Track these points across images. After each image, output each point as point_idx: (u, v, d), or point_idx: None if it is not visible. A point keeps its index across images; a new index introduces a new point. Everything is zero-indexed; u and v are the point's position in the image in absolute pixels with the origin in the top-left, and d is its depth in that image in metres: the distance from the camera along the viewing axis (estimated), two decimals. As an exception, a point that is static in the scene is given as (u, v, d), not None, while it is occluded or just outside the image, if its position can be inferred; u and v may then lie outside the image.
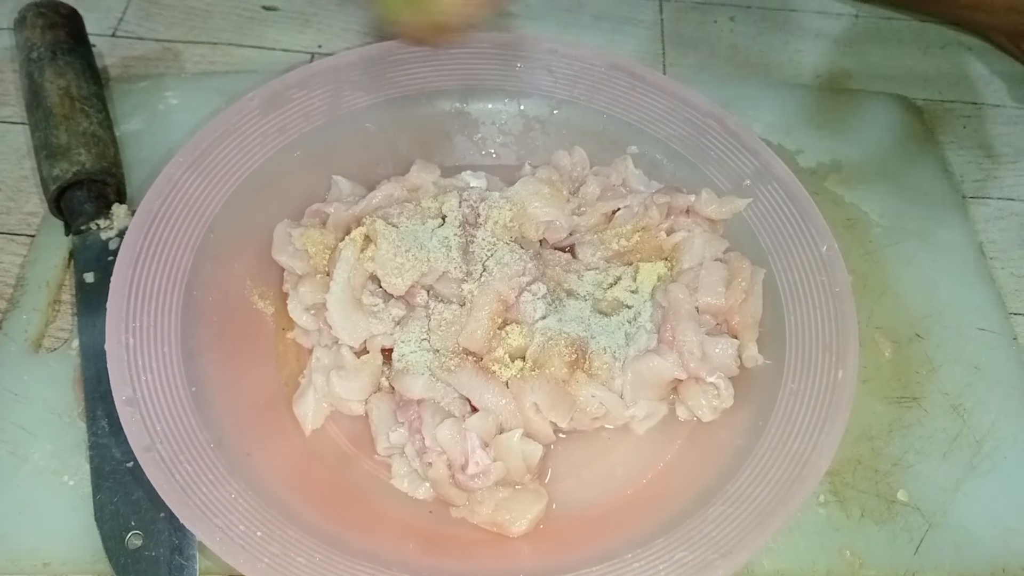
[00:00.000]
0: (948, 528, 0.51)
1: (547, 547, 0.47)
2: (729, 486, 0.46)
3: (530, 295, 0.53)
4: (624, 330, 0.53)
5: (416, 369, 0.50)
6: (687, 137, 0.59)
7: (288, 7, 0.78)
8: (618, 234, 0.56)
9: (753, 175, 0.56)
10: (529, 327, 0.51)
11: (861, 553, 0.50)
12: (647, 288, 0.54)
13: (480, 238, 0.54)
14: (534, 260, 0.54)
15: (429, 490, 0.49)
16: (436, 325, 0.52)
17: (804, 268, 0.52)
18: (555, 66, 0.61)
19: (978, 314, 0.60)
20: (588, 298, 0.54)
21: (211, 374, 0.49)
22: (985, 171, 0.71)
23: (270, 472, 0.47)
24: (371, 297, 0.53)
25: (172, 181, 0.53)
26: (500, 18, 0.78)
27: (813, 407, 0.47)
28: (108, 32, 0.75)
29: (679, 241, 0.56)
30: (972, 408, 0.56)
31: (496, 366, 0.50)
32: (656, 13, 0.80)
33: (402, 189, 0.57)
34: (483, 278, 0.52)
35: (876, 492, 0.52)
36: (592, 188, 0.58)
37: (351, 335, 0.51)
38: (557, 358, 0.49)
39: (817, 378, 0.48)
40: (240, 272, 0.54)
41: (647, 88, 0.60)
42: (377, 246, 0.52)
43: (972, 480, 0.53)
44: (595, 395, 0.50)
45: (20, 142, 0.67)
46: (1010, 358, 0.58)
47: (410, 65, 0.60)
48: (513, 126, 0.63)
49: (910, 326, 0.59)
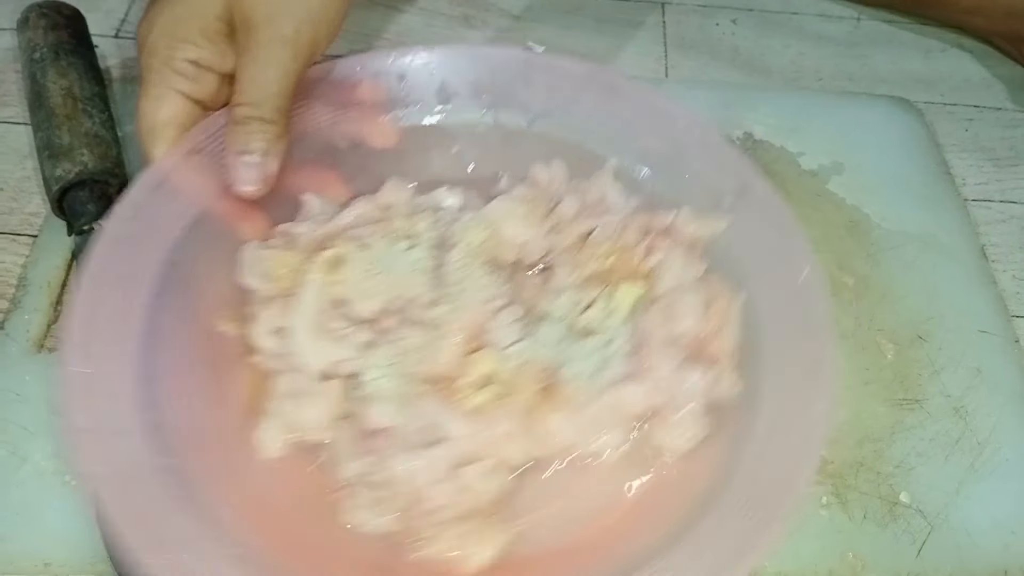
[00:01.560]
0: (950, 530, 0.51)
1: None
2: (702, 521, 0.44)
3: (503, 319, 0.51)
4: (598, 355, 0.50)
5: (383, 396, 0.48)
6: (667, 151, 0.56)
7: (290, 9, 0.78)
8: (594, 255, 0.54)
9: (734, 193, 0.53)
10: (501, 353, 0.49)
11: (863, 555, 0.50)
12: (623, 311, 0.52)
13: (452, 260, 0.52)
14: (508, 283, 0.52)
15: (388, 522, 0.47)
16: (405, 350, 0.50)
17: (783, 294, 0.49)
18: (532, 77, 0.59)
19: (980, 317, 0.60)
20: (563, 321, 0.52)
21: (170, 399, 0.47)
22: (986, 174, 0.71)
23: (223, 500, 0.45)
24: (338, 321, 0.51)
25: (135, 204, 0.51)
26: (501, 19, 0.79)
27: (788, 441, 0.44)
28: (111, 33, 0.75)
29: (657, 263, 0.53)
30: (974, 410, 0.56)
31: (465, 393, 0.48)
32: (658, 16, 0.80)
33: (374, 208, 0.56)
34: (454, 302, 0.51)
35: (878, 494, 0.52)
36: (569, 207, 0.56)
37: (317, 360, 0.50)
38: (527, 386, 0.48)
39: (793, 411, 0.45)
40: (205, 294, 0.53)
41: (627, 99, 0.57)
42: (346, 270, 0.51)
43: (974, 482, 0.53)
44: (564, 424, 0.48)
45: (22, 142, 0.67)
46: (1012, 361, 0.59)
47: (382, 78, 0.58)
48: (490, 139, 0.60)
49: (912, 328, 0.59)
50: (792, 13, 0.82)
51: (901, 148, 0.71)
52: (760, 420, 0.46)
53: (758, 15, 0.81)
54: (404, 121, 0.59)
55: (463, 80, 0.59)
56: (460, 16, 0.79)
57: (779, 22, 0.81)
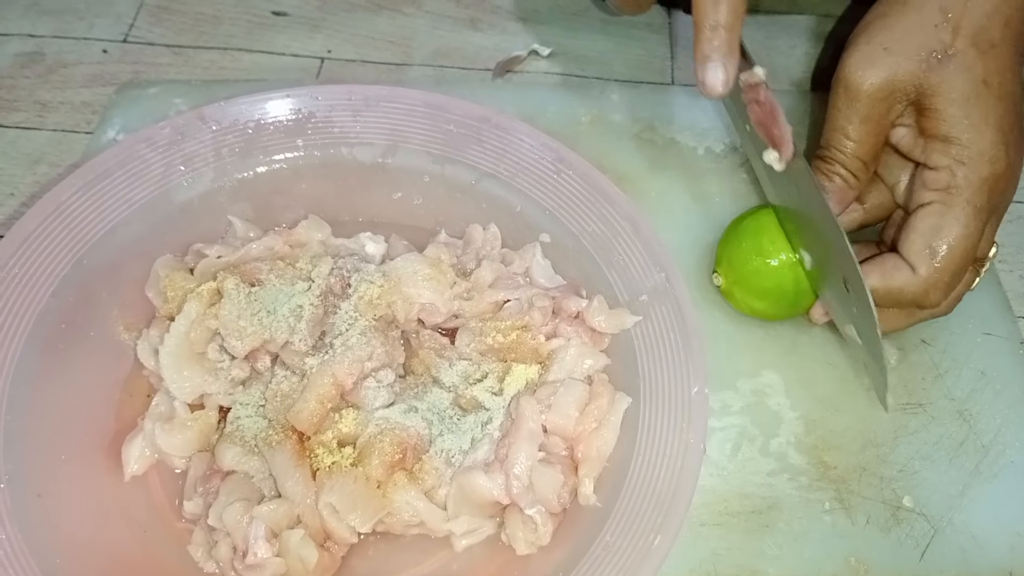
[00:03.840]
0: (954, 534, 0.51)
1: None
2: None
3: (374, 381, 0.50)
4: (472, 434, 0.50)
5: (239, 437, 0.48)
6: (600, 235, 0.55)
7: (298, 12, 0.78)
8: (497, 328, 0.53)
9: (652, 291, 0.52)
10: (366, 415, 0.49)
11: (867, 560, 0.50)
12: (511, 392, 0.51)
13: (343, 311, 0.52)
14: (397, 343, 0.52)
15: (215, 567, 0.46)
16: (272, 395, 0.50)
17: (669, 407, 0.48)
18: (485, 135, 0.58)
19: (984, 319, 0.60)
20: (452, 390, 0.52)
21: (35, 404, 0.48)
22: (992, 175, 0.71)
23: (61, 516, 0.46)
24: (218, 353, 0.51)
25: (57, 203, 0.52)
26: (507, 21, 0.79)
27: (620, 567, 0.43)
28: (119, 38, 0.75)
29: (554, 349, 0.53)
30: (978, 413, 0.56)
31: (320, 450, 0.48)
32: (664, 17, 0.80)
33: (283, 244, 0.56)
34: (327, 355, 0.50)
35: (882, 498, 0.53)
36: (485, 273, 0.55)
37: (180, 389, 0.50)
38: (377, 456, 0.47)
39: (635, 537, 0.44)
40: (108, 302, 0.53)
41: (572, 177, 0.56)
42: (222, 305, 0.51)
43: (978, 486, 0.53)
44: (411, 502, 0.47)
45: (32, 147, 0.67)
46: (1017, 363, 0.58)
47: (335, 112, 0.58)
48: (434, 190, 0.60)
49: (916, 332, 0.59)
50: (797, 13, 0.81)
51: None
52: (600, 540, 0.44)
53: (763, 16, 0.81)
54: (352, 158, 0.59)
55: (417, 127, 0.59)
56: (466, 19, 0.79)
57: (784, 23, 0.81)
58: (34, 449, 0.47)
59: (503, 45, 0.77)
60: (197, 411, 0.51)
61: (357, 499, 0.46)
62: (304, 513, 0.46)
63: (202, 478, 0.48)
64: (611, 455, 0.48)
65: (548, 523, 0.47)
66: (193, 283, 0.53)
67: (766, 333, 0.59)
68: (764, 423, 0.55)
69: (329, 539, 0.47)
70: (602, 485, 0.48)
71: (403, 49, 0.76)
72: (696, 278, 0.61)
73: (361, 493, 0.46)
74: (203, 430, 0.50)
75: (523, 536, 0.47)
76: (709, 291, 0.60)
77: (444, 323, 0.55)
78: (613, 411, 0.49)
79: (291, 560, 0.45)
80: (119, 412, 0.52)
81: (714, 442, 0.54)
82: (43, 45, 0.74)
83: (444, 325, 0.55)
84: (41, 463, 0.47)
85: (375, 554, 0.48)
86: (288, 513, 0.46)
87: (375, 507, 0.46)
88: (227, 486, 0.47)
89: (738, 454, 0.54)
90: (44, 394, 0.49)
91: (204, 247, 0.55)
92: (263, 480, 0.48)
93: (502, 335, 0.52)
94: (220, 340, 0.51)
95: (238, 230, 0.57)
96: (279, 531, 0.45)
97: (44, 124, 0.69)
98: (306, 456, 0.47)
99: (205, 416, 0.50)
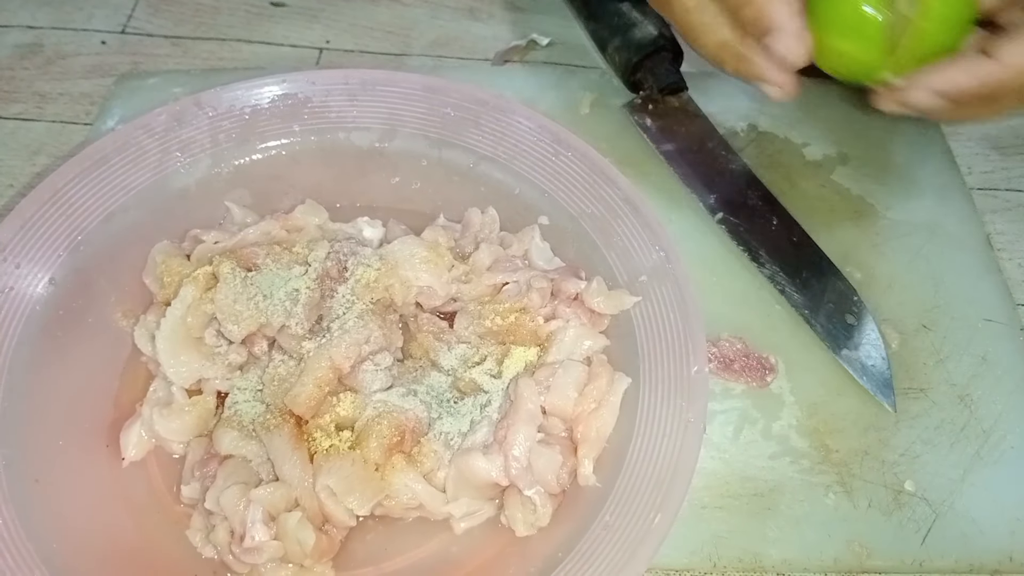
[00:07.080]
0: (955, 518, 0.51)
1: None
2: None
3: (372, 365, 0.50)
4: (471, 416, 0.50)
5: (237, 422, 0.48)
6: (598, 216, 0.54)
7: (296, 3, 0.78)
8: (496, 311, 0.52)
9: (651, 271, 0.51)
10: (363, 398, 0.49)
11: (868, 543, 0.50)
12: (510, 375, 0.50)
13: (340, 294, 0.52)
14: (396, 326, 0.52)
15: (213, 551, 0.47)
16: (270, 379, 0.49)
17: (668, 387, 0.47)
18: (483, 119, 0.58)
19: (985, 305, 0.60)
20: (451, 374, 0.51)
21: (33, 390, 0.48)
22: (992, 162, 0.71)
23: (59, 501, 0.46)
24: (215, 338, 0.51)
25: (54, 190, 0.52)
26: (506, 11, 0.79)
27: (619, 547, 0.43)
28: (118, 29, 0.75)
29: (552, 330, 0.52)
30: (979, 399, 0.56)
31: (318, 434, 0.47)
32: (663, 7, 0.80)
33: (280, 228, 0.55)
34: (327, 338, 0.50)
35: (883, 483, 0.53)
36: (483, 256, 0.55)
37: (177, 374, 0.50)
38: (375, 439, 0.47)
39: (634, 517, 0.44)
40: (106, 288, 0.53)
41: (570, 158, 0.56)
42: (218, 289, 0.51)
43: (979, 470, 0.53)
44: (409, 485, 0.46)
45: (31, 138, 0.67)
46: (1017, 349, 0.58)
47: (332, 97, 0.58)
48: (432, 174, 0.59)
49: (917, 317, 0.59)
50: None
51: (906, 137, 0.70)
52: (599, 520, 0.44)
53: None
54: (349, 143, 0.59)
55: (414, 112, 0.58)
56: (465, 8, 0.79)
57: None
58: (32, 434, 0.47)
59: (502, 35, 0.77)
60: (195, 396, 0.51)
61: (355, 482, 0.46)
62: (302, 496, 0.46)
63: (200, 463, 0.48)
64: (610, 435, 0.48)
65: (547, 504, 0.47)
66: (190, 268, 0.53)
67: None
68: (766, 406, 0.55)
69: (327, 522, 0.46)
70: (602, 465, 0.48)
71: (402, 39, 0.76)
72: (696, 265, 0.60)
73: (359, 476, 0.46)
74: (201, 415, 0.50)
75: (522, 517, 0.46)
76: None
77: (442, 306, 0.54)
78: (612, 391, 0.49)
79: (289, 543, 0.45)
80: (117, 398, 0.52)
81: (716, 425, 0.54)
82: (42, 36, 0.75)
83: (443, 308, 0.55)
84: (39, 448, 0.47)
85: (374, 537, 0.48)
86: (286, 496, 0.46)
87: (373, 490, 0.46)
88: (225, 470, 0.47)
89: (740, 437, 0.54)
90: (42, 380, 0.49)
91: (201, 233, 0.55)
92: (261, 464, 0.48)
93: (501, 318, 0.52)
94: (217, 325, 0.51)
95: (235, 216, 0.57)
96: (277, 514, 0.45)
97: (43, 115, 0.69)
98: (304, 440, 0.47)
99: (203, 401, 0.50)
